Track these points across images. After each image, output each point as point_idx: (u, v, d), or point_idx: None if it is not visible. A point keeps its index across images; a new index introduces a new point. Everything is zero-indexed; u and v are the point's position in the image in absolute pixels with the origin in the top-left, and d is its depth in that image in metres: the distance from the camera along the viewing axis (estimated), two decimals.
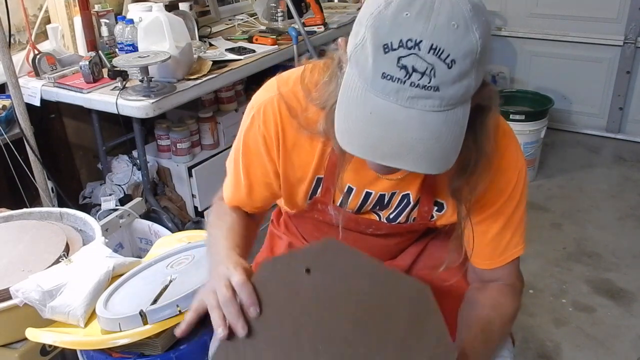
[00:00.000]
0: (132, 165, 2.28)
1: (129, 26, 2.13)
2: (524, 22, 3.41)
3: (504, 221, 0.96)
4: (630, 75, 3.20)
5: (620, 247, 2.40)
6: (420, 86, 0.66)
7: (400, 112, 0.68)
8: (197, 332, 1.15)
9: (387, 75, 0.67)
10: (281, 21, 2.59)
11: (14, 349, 1.22)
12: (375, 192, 0.97)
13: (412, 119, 0.68)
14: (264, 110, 0.94)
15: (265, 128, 0.94)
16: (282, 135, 0.94)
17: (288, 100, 0.92)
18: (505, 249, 0.99)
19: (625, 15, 3.11)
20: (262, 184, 1.01)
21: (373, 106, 0.69)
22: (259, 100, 0.96)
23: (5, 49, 1.74)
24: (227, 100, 2.44)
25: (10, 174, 1.99)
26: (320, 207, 1.02)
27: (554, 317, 2.02)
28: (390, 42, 0.66)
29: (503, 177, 0.93)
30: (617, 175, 3.01)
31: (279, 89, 0.93)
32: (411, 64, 0.66)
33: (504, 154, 0.92)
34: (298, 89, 0.92)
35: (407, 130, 0.68)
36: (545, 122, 2.85)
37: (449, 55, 0.65)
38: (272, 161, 0.97)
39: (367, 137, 0.69)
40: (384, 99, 0.68)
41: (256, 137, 0.96)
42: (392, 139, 0.68)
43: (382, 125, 0.68)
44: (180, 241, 1.36)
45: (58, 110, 2.27)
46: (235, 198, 1.05)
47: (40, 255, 1.31)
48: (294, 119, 0.91)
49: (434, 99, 0.67)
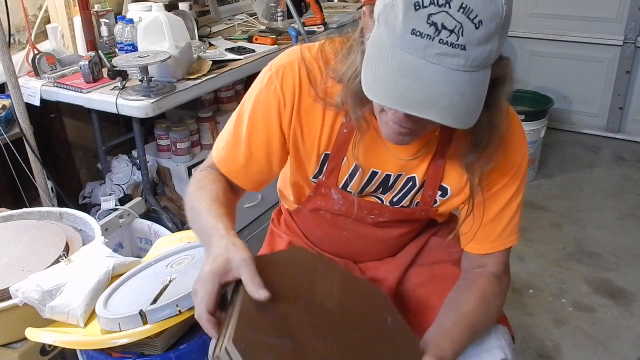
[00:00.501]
0: (132, 165, 2.28)
1: (129, 26, 2.13)
2: (524, 22, 3.41)
3: (502, 205, 0.98)
4: (630, 75, 3.20)
5: (620, 247, 2.40)
6: (448, 44, 0.69)
7: (428, 68, 0.70)
8: (197, 332, 1.15)
9: (417, 32, 0.69)
10: (281, 21, 2.59)
11: (14, 349, 1.22)
12: (382, 172, 0.97)
13: (438, 74, 0.70)
14: (284, 73, 0.93)
15: (282, 91, 0.93)
16: (298, 101, 0.93)
17: (310, 67, 0.92)
18: (500, 236, 1.00)
19: (625, 15, 3.11)
20: (264, 153, 0.97)
21: (401, 61, 0.71)
22: (278, 63, 0.95)
23: (5, 49, 1.74)
24: (227, 100, 2.45)
25: (10, 174, 1.99)
26: (324, 192, 1.02)
27: (554, 317, 2.02)
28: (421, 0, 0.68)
29: (508, 160, 0.95)
30: (617, 175, 3.01)
31: (302, 53, 0.94)
32: (441, 22, 0.68)
33: (512, 138, 0.93)
34: (320, 57, 0.92)
35: (433, 84, 0.70)
36: (545, 122, 2.85)
37: (477, 15, 0.68)
38: (281, 128, 0.95)
39: (394, 89, 0.71)
40: (413, 54, 0.70)
41: (269, 99, 0.94)
42: (419, 91, 0.70)
43: (410, 77, 0.70)
44: (180, 241, 1.36)
45: (58, 110, 2.27)
46: (229, 165, 0.99)
47: (40, 255, 1.31)
48: (312, 88, 0.91)
49: (460, 57, 0.69)
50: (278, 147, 0.97)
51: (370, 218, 1.04)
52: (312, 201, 1.06)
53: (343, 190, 1.00)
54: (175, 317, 1.04)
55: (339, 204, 1.02)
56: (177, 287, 1.09)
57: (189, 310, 1.05)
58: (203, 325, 0.75)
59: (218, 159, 1.00)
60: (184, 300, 1.04)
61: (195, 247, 1.26)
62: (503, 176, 0.96)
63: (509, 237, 1.01)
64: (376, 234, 1.08)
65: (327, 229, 1.10)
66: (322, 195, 1.03)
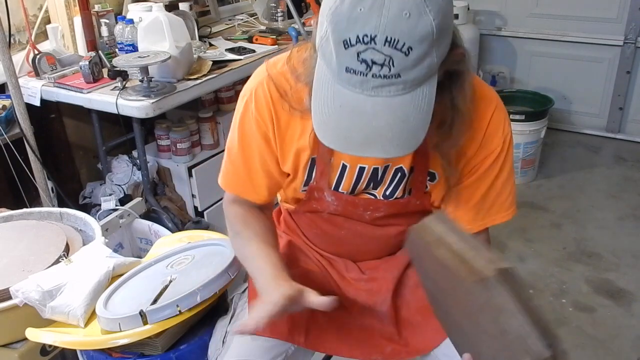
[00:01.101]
0: (132, 165, 2.28)
1: (129, 26, 2.13)
2: (524, 22, 3.41)
3: (487, 186, 0.99)
4: (630, 75, 3.20)
5: (620, 247, 2.40)
6: (382, 76, 0.70)
7: (367, 101, 0.72)
8: (197, 332, 1.15)
9: (350, 69, 0.71)
10: (281, 21, 2.59)
11: (14, 349, 1.22)
12: (369, 166, 0.98)
13: (378, 106, 0.72)
14: (256, 94, 0.96)
15: (258, 112, 0.96)
16: (275, 117, 0.96)
17: (277, 81, 0.95)
18: (487, 214, 1.01)
19: (625, 15, 3.11)
20: (263, 172, 1.01)
21: (342, 98, 0.73)
22: (250, 86, 0.98)
23: (5, 49, 1.74)
24: (227, 100, 2.44)
25: (10, 174, 1.99)
26: (317, 195, 1.03)
27: (554, 317, 2.02)
28: (348, 38, 0.70)
29: (489, 143, 0.96)
30: (617, 175, 3.01)
31: (267, 71, 0.96)
32: (370, 58, 0.69)
33: (490, 121, 0.95)
34: (285, 69, 0.94)
35: (375, 118, 0.72)
36: (545, 122, 2.85)
37: (405, 43, 0.68)
38: (270, 146, 0.99)
39: (338, 129, 0.74)
40: (351, 90, 0.72)
41: (250, 123, 0.98)
42: (361, 129, 0.73)
43: (351, 115, 0.73)
44: (180, 241, 1.36)
45: (58, 110, 2.26)
46: (238, 187, 1.05)
47: (40, 255, 1.31)
48: (283, 100, 0.94)
49: (397, 85, 0.71)
50: (273, 165, 1.01)
51: (367, 214, 1.04)
52: (307, 204, 1.07)
53: (336, 192, 1.02)
54: (175, 317, 1.04)
55: (334, 204, 1.03)
56: (177, 287, 1.09)
57: (189, 310, 1.05)
58: None
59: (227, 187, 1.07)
60: (184, 300, 1.04)
61: (195, 247, 1.26)
62: (486, 158, 0.97)
63: (496, 214, 1.02)
64: (374, 232, 1.08)
65: (325, 228, 1.10)
66: (315, 199, 1.04)
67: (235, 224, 1.06)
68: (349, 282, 1.15)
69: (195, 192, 2.31)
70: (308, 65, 0.87)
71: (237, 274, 1.15)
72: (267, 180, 1.03)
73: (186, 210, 2.33)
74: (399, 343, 1.08)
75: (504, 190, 1.00)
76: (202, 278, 1.09)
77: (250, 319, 0.84)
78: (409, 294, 1.13)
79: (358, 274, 1.15)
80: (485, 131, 0.95)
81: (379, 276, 1.14)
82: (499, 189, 1.00)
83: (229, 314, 1.14)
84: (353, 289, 1.14)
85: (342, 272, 1.16)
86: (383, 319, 1.11)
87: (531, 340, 0.66)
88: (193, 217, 2.33)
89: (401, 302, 1.12)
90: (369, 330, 1.10)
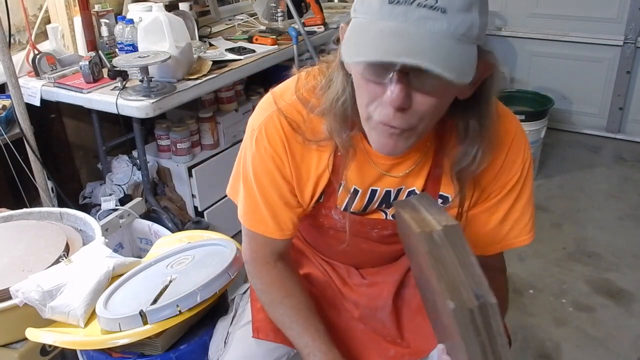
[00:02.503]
0: (132, 165, 2.28)
1: (129, 26, 2.13)
2: (524, 22, 3.41)
3: (504, 211, 0.97)
4: (630, 75, 3.20)
5: (620, 247, 2.40)
6: (427, 6, 0.67)
7: (411, 28, 0.68)
8: (197, 332, 1.15)
9: (394, 1, 0.68)
10: (281, 21, 2.59)
11: (14, 349, 1.22)
12: (382, 188, 0.96)
13: (423, 35, 0.68)
14: (266, 130, 0.92)
15: (272, 148, 0.92)
16: (289, 150, 0.92)
17: (288, 114, 0.91)
18: (505, 237, 1.00)
19: (625, 15, 3.11)
20: (284, 206, 0.97)
21: (382, 27, 0.69)
22: (258, 120, 0.93)
23: (5, 49, 1.74)
24: (227, 100, 2.44)
25: (10, 174, 1.99)
26: (324, 212, 1.01)
27: (554, 317, 2.02)
28: None
29: (509, 170, 0.94)
30: (617, 175, 3.01)
31: (276, 104, 0.92)
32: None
33: (511, 147, 0.93)
34: (295, 100, 0.91)
35: (419, 40, 0.68)
36: (545, 122, 2.85)
37: None
38: (287, 180, 0.95)
39: (379, 45, 0.68)
40: (392, 21, 0.69)
41: (264, 159, 0.93)
42: (405, 44, 0.68)
43: (394, 36, 0.68)
44: (180, 241, 1.36)
45: (58, 110, 2.26)
46: (261, 226, 0.99)
47: (40, 255, 1.31)
48: (297, 133, 0.90)
49: (442, 21, 0.68)
50: (292, 197, 0.97)
51: (374, 232, 1.03)
52: (314, 219, 1.04)
53: (344, 212, 0.99)
54: (175, 317, 1.04)
55: (341, 222, 1.01)
56: (177, 287, 1.09)
57: (189, 310, 1.05)
58: None
59: (251, 227, 1.00)
60: (184, 300, 1.04)
61: (195, 247, 1.26)
62: (504, 184, 0.95)
63: (516, 238, 1.00)
64: (379, 248, 1.07)
65: (328, 240, 1.09)
66: (322, 215, 1.02)
67: (270, 292, 1.01)
68: (351, 288, 1.15)
69: (195, 192, 2.31)
70: (323, 95, 0.85)
71: (237, 274, 1.15)
72: (289, 213, 0.98)
73: (186, 210, 2.33)
74: (402, 345, 1.08)
75: (525, 215, 0.98)
76: (202, 278, 1.09)
77: None
78: (410, 294, 1.12)
79: (359, 279, 1.15)
80: (505, 159, 0.93)
81: (380, 280, 1.14)
82: (519, 213, 0.98)
83: (230, 315, 1.14)
84: (355, 294, 1.13)
85: (344, 278, 1.16)
86: (385, 323, 1.10)
87: (464, 288, 0.69)
88: (193, 217, 2.33)
89: (402, 303, 1.12)
90: (372, 334, 1.10)
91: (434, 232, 0.74)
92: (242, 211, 1.00)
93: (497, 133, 0.87)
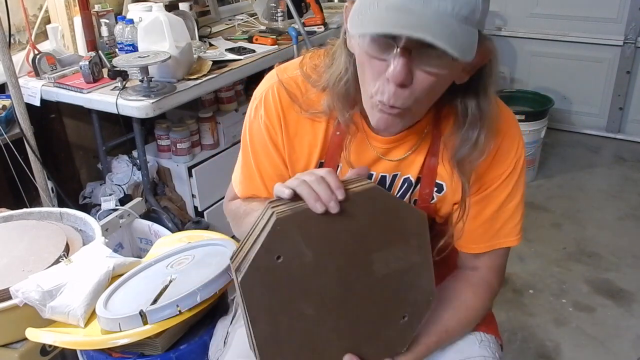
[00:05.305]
0: (132, 165, 2.28)
1: (129, 26, 2.13)
2: (524, 22, 3.41)
3: (497, 206, 0.97)
4: (630, 75, 3.20)
5: (620, 247, 2.40)
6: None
7: (416, 5, 0.70)
8: (197, 332, 1.15)
9: None
10: (281, 21, 2.59)
11: (14, 349, 1.22)
12: (377, 173, 0.98)
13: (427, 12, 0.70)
14: (265, 99, 0.96)
15: (267, 117, 0.96)
16: (284, 121, 0.96)
17: (288, 86, 0.95)
18: (495, 235, 0.99)
19: (625, 15, 3.11)
20: (275, 177, 1.01)
21: (388, 3, 0.71)
22: (260, 90, 0.98)
23: (5, 49, 1.74)
24: (227, 100, 2.44)
25: (10, 174, 1.99)
26: None
27: (554, 317, 2.02)
28: None
29: (502, 161, 0.94)
30: (617, 175, 3.01)
31: (278, 76, 0.96)
32: None
33: (505, 138, 0.93)
34: (297, 75, 0.95)
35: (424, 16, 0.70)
36: (545, 122, 2.85)
37: None
38: (279, 151, 0.98)
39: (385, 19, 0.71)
40: None
41: (260, 128, 0.98)
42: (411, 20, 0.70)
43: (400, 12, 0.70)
44: (180, 241, 1.36)
45: (58, 110, 2.26)
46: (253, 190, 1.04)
47: (40, 255, 1.31)
48: (294, 103, 0.94)
49: (446, 1, 0.70)
50: (284, 169, 1.00)
51: None
52: None
53: None
54: (175, 317, 1.04)
55: None
56: (177, 287, 1.09)
57: (189, 310, 1.05)
58: None
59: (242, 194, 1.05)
60: (184, 300, 1.04)
61: (195, 247, 1.26)
62: (497, 177, 0.95)
63: (506, 237, 1.00)
64: None
65: None
66: None
67: (238, 207, 1.05)
68: None
69: (195, 192, 2.31)
70: (326, 72, 0.88)
71: None
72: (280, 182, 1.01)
73: (186, 210, 2.33)
74: None
75: (516, 215, 0.99)
76: (202, 278, 1.09)
77: None
78: None
79: None
80: (500, 146, 0.93)
81: None
82: (511, 212, 0.98)
83: (230, 315, 1.14)
84: None
85: None
86: None
87: None
88: (193, 217, 2.33)
89: None
90: None
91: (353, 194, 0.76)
92: (236, 180, 1.06)
93: (495, 118, 0.89)
